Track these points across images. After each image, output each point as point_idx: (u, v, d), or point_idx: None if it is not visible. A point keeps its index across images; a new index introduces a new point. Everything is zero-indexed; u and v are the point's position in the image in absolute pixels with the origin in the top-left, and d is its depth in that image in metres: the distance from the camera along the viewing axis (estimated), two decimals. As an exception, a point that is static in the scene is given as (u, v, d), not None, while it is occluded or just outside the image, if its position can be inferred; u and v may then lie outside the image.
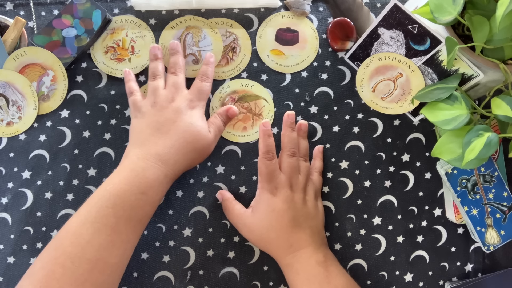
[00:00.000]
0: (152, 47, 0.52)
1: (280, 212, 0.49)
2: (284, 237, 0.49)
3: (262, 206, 0.50)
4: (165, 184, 0.47)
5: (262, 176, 0.50)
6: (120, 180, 0.45)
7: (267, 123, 0.50)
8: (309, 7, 0.56)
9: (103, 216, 0.43)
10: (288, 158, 0.51)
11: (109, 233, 0.43)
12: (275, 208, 0.49)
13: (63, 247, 0.42)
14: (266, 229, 0.49)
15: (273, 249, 0.50)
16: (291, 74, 0.56)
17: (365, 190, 0.56)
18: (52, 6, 0.55)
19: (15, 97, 0.53)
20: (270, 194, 0.50)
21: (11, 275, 0.52)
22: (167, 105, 0.49)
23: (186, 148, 0.48)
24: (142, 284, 0.53)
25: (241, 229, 0.52)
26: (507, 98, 0.43)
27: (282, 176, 0.50)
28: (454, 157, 0.45)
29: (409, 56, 0.50)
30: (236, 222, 0.52)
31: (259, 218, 0.50)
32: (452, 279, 0.56)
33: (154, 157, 0.46)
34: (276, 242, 0.49)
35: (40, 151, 0.54)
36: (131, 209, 0.44)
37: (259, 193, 0.51)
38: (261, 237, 0.50)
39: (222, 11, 0.56)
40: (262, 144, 0.50)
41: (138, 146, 0.48)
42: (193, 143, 0.49)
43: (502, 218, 0.52)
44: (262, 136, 0.50)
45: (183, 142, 0.48)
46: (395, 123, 0.56)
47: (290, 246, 0.49)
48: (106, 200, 0.43)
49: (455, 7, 0.41)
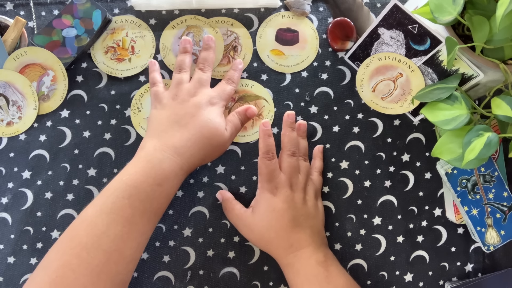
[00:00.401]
0: (184, 40, 0.53)
1: (280, 212, 0.49)
2: (284, 237, 0.49)
3: (262, 206, 0.50)
4: (180, 176, 0.47)
5: (262, 175, 0.50)
6: (136, 171, 0.45)
7: (267, 123, 0.50)
8: (309, 7, 0.56)
9: (119, 207, 0.43)
10: (288, 157, 0.51)
11: (125, 224, 0.42)
12: (275, 207, 0.49)
13: (79, 237, 0.42)
14: (266, 229, 0.49)
15: (273, 249, 0.50)
16: (291, 74, 0.56)
17: (365, 190, 0.56)
18: (52, 6, 0.55)
19: (15, 97, 0.53)
20: (270, 194, 0.50)
21: (11, 275, 0.52)
22: (188, 99, 0.49)
23: (202, 143, 0.48)
24: (142, 284, 0.53)
25: (241, 229, 0.52)
26: (507, 98, 0.43)
27: (282, 176, 0.50)
28: (454, 157, 0.45)
29: (409, 56, 0.50)
30: (236, 222, 0.52)
31: (259, 218, 0.50)
32: (452, 279, 0.56)
33: (171, 149, 0.46)
34: (276, 241, 0.49)
35: (40, 151, 0.54)
36: (147, 201, 0.44)
37: (259, 193, 0.51)
38: (261, 236, 0.50)
39: (222, 11, 0.56)
40: (262, 144, 0.50)
41: (156, 137, 0.48)
42: (209, 139, 0.49)
43: (502, 218, 0.52)
44: (262, 136, 0.50)
45: (200, 136, 0.48)
46: (395, 123, 0.56)
47: (290, 246, 0.49)
48: (122, 191, 0.43)
49: (455, 7, 0.41)
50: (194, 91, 0.50)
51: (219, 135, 0.49)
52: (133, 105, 0.55)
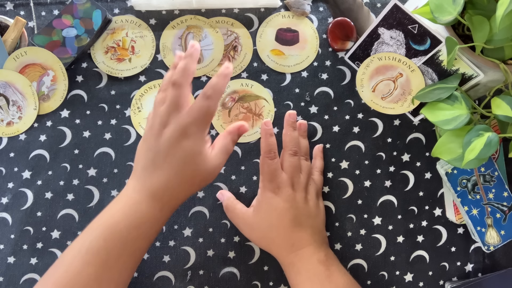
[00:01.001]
0: (177, 55, 0.45)
1: (282, 211, 0.49)
2: (286, 236, 0.49)
3: (263, 205, 0.50)
4: (161, 218, 0.44)
5: (264, 175, 0.50)
6: (114, 213, 0.43)
7: (268, 122, 0.50)
8: (309, 7, 0.56)
9: (94, 248, 0.41)
10: (290, 157, 0.51)
11: (99, 266, 0.41)
12: (277, 207, 0.49)
13: (56, 276, 0.41)
14: (267, 228, 0.49)
15: (274, 248, 0.50)
16: (291, 74, 0.56)
17: (365, 190, 0.56)
18: (52, 6, 0.55)
19: (15, 97, 0.53)
20: (272, 193, 0.49)
21: (11, 275, 0.52)
22: (161, 131, 0.42)
23: (184, 182, 0.43)
24: (142, 284, 0.53)
25: (243, 228, 0.52)
26: (507, 98, 0.43)
27: (284, 175, 0.50)
28: (454, 157, 0.45)
29: (409, 56, 0.50)
30: (237, 222, 0.52)
31: (260, 217, 0.50)
32: (452, 279, 0.56)
33: (149, 192, 0.42)
34: (277, 241, 0.49)
35: (40, 151, 0.54)
36: (122, 243, 0.41)
37: (260, 193, 0.51)
38: (262, 236, 0.50)
39: (222, 11, 0.56)
40: (264, 143, 0.49)
41: (136, 176, 0.44)
42: (192, 176, 0.43)
43: (502, 218, 0.52)
44: (264, 135, 0.50)
45: (180, 176, 0.43)
46: (395, 123, 0.56)
47: (292, 245, 0.49)
48: (100, 232, 0.42)
49: (455, 7, 0.41)
50: (167, 119, 0.42)
51: (203, 169, 0.43)
52: (133, 105, 0.55)
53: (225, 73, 0.43)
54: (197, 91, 0.55)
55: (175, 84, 0.42)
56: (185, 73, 0.42)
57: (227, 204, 0.52)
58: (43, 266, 0.52)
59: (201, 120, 0.42)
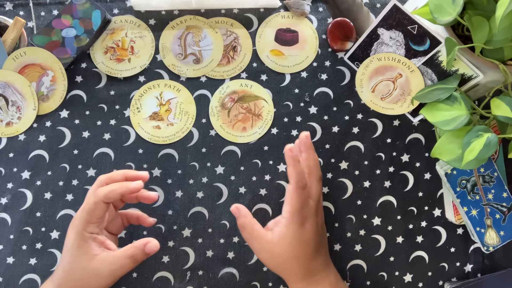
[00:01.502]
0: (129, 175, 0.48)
1: (307, 242, 0.47)
2: (306, 266, 0.47)
3: (288, 237, 0.46)
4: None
5: (293, 206, 0.46)
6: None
7: (294, 149, 0.46)
8: (308, 7, 0.56)
9: None
10: (318, 183, 0.49)
11: None
12: (303, 238, 0.46)
13: None
14: (289, 258, 0.47)
15: (290, 276, 0.48)
16: (291, 75, 0.56)
17: (365, 191, 0.56)
18: (51, 6, 0.55)
19: (14, 98, 0.53)
20: (298, 226, 0.46)
21: (10, 275, 0.52)
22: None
23: (73, 278, 0.44)
24: (142, 284, 0.53)
25: (259, 252, 0.48)
26: (506, 98, 0.43)
27: (311, 203, 0.47)
28: (453, 158, 0.45)
29: (408, 56, 0.50)
30: (253, 244, 0.48)
31: (283, 248, 0.46)
32: (452, 279, 0.56)
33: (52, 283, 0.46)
34: (296, 270, 0.47)
35: (39, 152, 0.53)
36: None
37: (286, 223, 0.46)
38: (281, 264, 0.47)
39: (222, 11, 0.56)
40: (294, 172, 0.46)
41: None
42: (71, 271, 0.44)
43: (501, 218, 0.52)
44: (292, 163, 0.46)
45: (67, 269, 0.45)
46: (394, 124, 0.56)
47: (309, 273, 0.47)
48: None
49: (455, 8, 0.41)
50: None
51: (80, 265, 0.44)
52: (133, 105, 0.55)
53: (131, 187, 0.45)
54: (197, 91, 0.55)
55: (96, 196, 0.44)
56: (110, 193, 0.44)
57: (243, 223, 0.49)
58: (42, 266, 0.52)
59: (83, 216, 0.44)
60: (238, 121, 0.55)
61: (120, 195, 0.45)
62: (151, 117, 0.55)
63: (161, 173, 0.54)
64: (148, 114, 0.54)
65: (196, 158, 0.54)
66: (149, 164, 0.54)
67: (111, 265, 0.44)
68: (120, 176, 0.47)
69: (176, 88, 0.55)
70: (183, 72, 0.55)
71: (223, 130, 0.55)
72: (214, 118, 0.55)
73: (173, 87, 0.55)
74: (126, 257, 0.44)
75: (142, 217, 0.51)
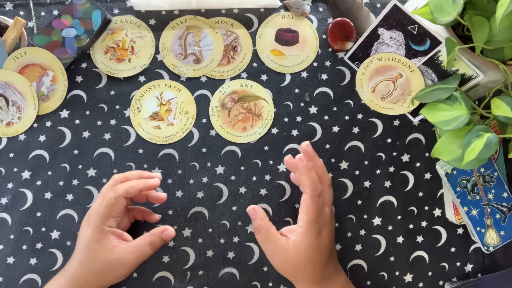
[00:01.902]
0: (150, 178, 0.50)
1: (323, 249, 0.47)
2: (320, 271, 0.47)
3: (304, 244, 0.46)
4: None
5: (310, 215, 0.46)
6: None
7: (303, 157, 0.47)
8: (309, 7, 0.56)
9: None
10: (329, 189, 0.49)
11: None
12: (319, 246, 0.46)
13: None
14: (304, 265, 0.46)
15: (302, 281, 0.48)
16: (291, 75, 0.56)
17: (365, 191, 0.56)
18: (51, 6, 0.55)
19: (15, 98, 0.53)
20: (314, 235, 0.46)
21: (10, 275, 0.52)
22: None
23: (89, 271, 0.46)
24: (142, 284, 0.53)
25: (271, 255, 0.48)
26: (506, 98, 0.43)
27: (327, 210, 0.48)
28: (453, 158, 0.45)
29: (409, 56, 0.50)
30: (267, 247, 0.48)
31: (297, 254, 0.46)
32: (452, 279, 0.56)
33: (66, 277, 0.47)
34: (310, 276, 0.47)
35: (40, 151, 0.53)
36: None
37: (302, 232, 0.46)
38: (295, 270, 0.47)
39: (222, 11, 0.56)
40: (308, 181, 0.46)
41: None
42: (90, 265, 0.46)
43: (501, 218, 0.52)
44: (305, 172, 0.46)
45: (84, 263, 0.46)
46: (395, 124, 0.56)
47: (323, 276, 0.47)
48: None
49: (455, 8, 0.41)
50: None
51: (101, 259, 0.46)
52: (133, 105, 0.55)
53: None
54: (197, 91, 0.55)
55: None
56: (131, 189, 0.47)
57: (259, 225, 0.48)
58: (43, 266, 0.52)
59: (102, 210, 0.46)
60: (238, 121, 0.55)
61: (139, 191, 0.47)
62: (151, 117, 0.55)
63: (161, 173, 0.54)
64: (148, 114, 0.55)
65: (196, 158, 0.54)
66: (149, 164, 0.54)
67: (132, 253, 0.46)
68: (135, 175, 0.50)
69: (176, 88, 0.55)
70: (183, 72, 0.55)
71: (223, 130, 0.55)
72: (214, 118, 0.55)
73: (173, 87, 0.55)
74: (146, 244, 0.47)
75: (147, 213, 0.53)
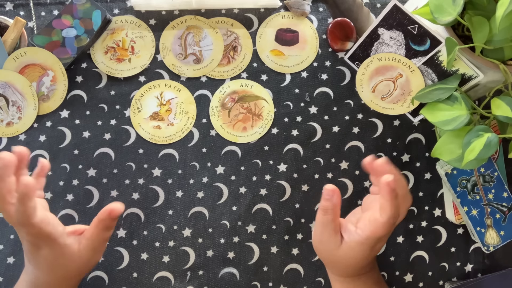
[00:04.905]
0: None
1: (371, 258, 0.46)
2: (359, 270, 0.46)
3: (356, 251, 0.44)
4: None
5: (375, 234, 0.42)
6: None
7: (392, 182, 0.40)
8: (309, 7, 0.56)
9: None
10: (406, 211, 0.47)
11: None
12: (369, 256, 0.45)
13: None
14: (346, 266, 0.46)
15: (339, 273, 0.47)
16: (291, 75, 0.56)
17: (365, 191, 0.56)
18: (52, 6, 0.55)
19: (15, 98, 0.53)
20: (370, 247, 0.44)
21: (10, 275, 0.52)
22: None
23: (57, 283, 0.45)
24: (142, 284, 0.53)
25: (318, 242, 0.46)
26: (506, 98, 0.43)
27: (392, 229, 0.44)
28: (454, 158, 0.45)
29: (409, 56, 0.50)
30: (320, 230, 0.45)
31: (344, 257, 0.45)
32: (452, 279, 0.56)
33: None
34: (350, 273, 0.47)
35: (40, 151, 0.53)
36: None
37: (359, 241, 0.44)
38: (336, 263, 0.47)
39: (222, 11, 0.56)
40: (390, 207, 0.41)
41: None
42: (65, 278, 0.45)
43: (502, 218, 0.52)
44: (390, 199, 0.41)
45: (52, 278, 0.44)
46: (395, 124, 0.56)
47: (366, 267, 0.47)
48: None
49: (455, 8, 0.41)
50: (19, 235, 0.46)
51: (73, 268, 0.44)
52: (133, 105, 0.55)
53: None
54: (197, 91, 0.55)
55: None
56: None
57: (327, 209, 0.44)
58: (43, 266, 0.52)
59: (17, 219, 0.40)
60: (239, 121, 0.55)
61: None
62: (151, 117, 0.55)
63: (161, 173, 0.54)
64: (148, 114, 0.55)
65: (197, 158, 0.55)
66: (150, 164, 0.54)
67: (93, 249, 0.44)
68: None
69: (177, 88, 0.55)
70: (184, 72, 0.55)
71: (224, 130, 0.55)
72: (215, 118, 0.55)
73: (174, 87, 0.55)
74: (100, 231, 0.44)
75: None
